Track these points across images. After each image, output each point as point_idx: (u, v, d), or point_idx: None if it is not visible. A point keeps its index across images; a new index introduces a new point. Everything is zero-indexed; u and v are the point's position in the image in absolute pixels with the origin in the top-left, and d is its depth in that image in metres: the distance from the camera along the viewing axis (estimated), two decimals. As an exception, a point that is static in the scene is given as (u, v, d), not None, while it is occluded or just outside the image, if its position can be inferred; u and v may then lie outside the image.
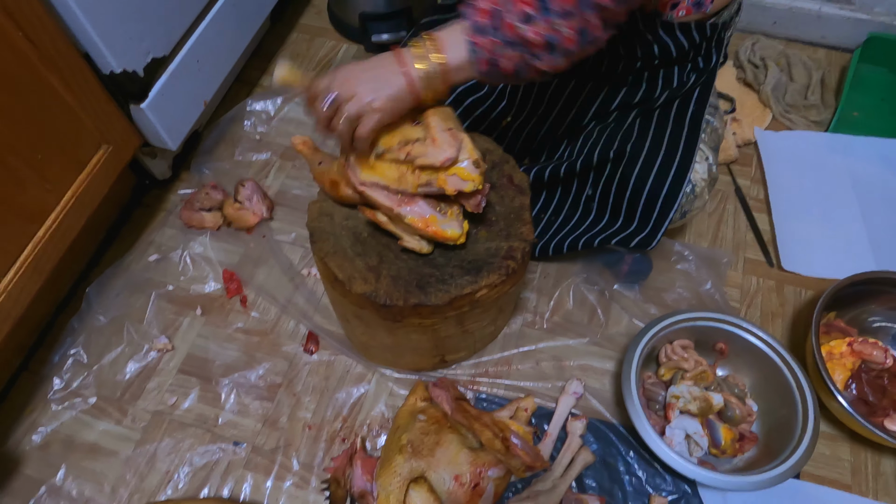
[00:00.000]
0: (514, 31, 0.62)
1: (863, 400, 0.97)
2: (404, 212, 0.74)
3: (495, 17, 0.62)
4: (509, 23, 0.62)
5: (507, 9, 0.62)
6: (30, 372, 1.02)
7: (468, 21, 0.64)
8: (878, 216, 1.18)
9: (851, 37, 1.40)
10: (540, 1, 0.61)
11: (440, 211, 0.75)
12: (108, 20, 0.88)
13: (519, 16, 0.61)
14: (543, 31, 0.62)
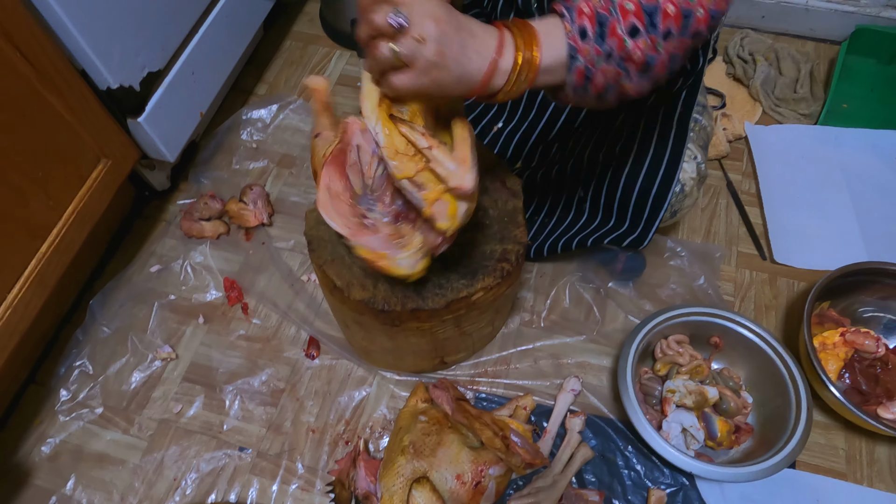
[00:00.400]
0: (620, 43, 0.56)
1: (856, 389, 0.99)
2: (360, 240, 0.67)
3: (602, 25, 0.56)
4: (618, 34, 0.56)
5: (616, 17, 0.56)
6: (37, 384, 1.04)
7: (572, 23, 0.56)
8: (869, 207, 1.20)
9: (839, 29, 1.42)
10: (648, 16, 0.56)
11: (398, 245, 0.68)
12: (104, 37, 0.90)
13: (627, 27, 0.56)
14: (645, 49, 0.57)
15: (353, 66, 1.44)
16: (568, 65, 0.57)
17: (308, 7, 1.56)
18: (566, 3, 0.57)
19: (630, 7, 0.56)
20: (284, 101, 1.35)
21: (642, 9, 0.56)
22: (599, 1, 0.56)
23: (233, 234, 1.19)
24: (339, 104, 1.38)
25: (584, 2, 0.56)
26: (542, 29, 0.56)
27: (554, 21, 0.57)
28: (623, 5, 0.56)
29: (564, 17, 0.56)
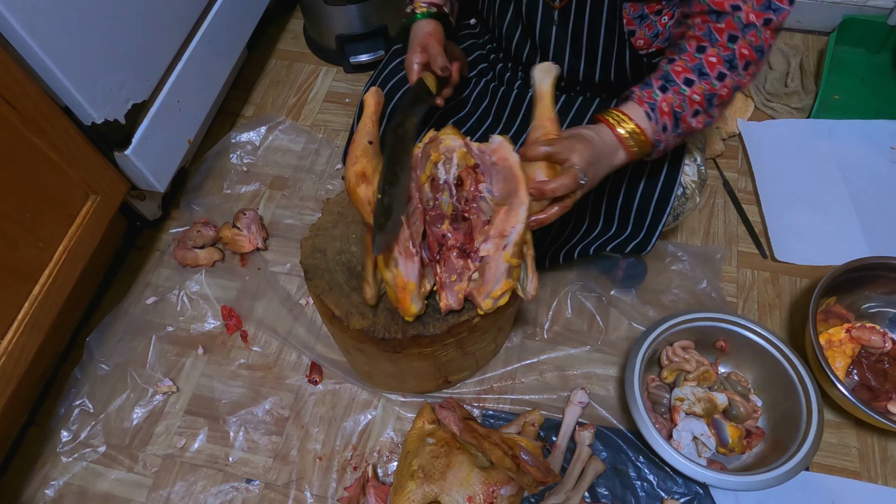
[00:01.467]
0: (688, 127, 0.75)
1: (865, 385, 0.98)
2: (399, 260, 0.70)
3: (676, 118, 0.74)
4: (687, 121, 0.74)
5: (686, 111, 0.73)
6: (37, 426, 1.02)
7: (657, 123, 0.73)
8: (867, 198, 1.19)
9: (826, 20, 1.41)
10: (708, 101, 0.74)
11: (422, 284, 0.72)
12: (85, 73, 0.89)
13: (692, 112, 0.74)
14: (703, 121, 0.75)
15: (340, 83, 1.43)
16: (652, 149, 0.76)
17: (291, 24, 1.55)
18: (647, 97, 0.73)
19: (696, 98, 0.73)
20: (273, 123, 1.34)
21: (704, 98, 0.73)
22: (674, 97, 0.73)
23: (228, 261, 1.18)
24: (328, 121, 1.37)
25: (663, 99, 0.73)
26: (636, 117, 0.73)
27: (642, 114, 0.73)
28: (692, 98, 0.73)
29: (651, 118, 0.73)
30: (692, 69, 0.73)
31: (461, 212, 0.74)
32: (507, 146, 0.72)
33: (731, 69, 0.72)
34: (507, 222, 0.70)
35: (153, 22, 1.00)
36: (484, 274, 0.72)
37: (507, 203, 0.70)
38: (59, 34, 0.83)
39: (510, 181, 0.70)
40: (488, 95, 1.02)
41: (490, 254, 0.71)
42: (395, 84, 0.99)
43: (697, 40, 0.74)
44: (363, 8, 1.32)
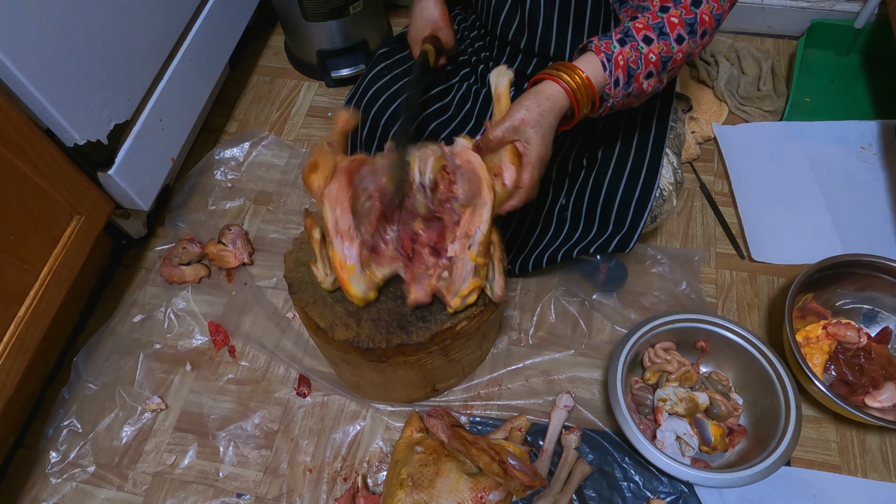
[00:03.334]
0: (639, 87, 0.74)
1: (842, 380, 1.00)
2: (336, 241, 0.75)
3: (630, 75, 0.73)
4: (639, 80, 0.74)
5: (640, 69, 0.73)
6: (25, 447, 1.02)
7: (610, 75, 0.72)
8: (840, 198, 1.22)
9: (795, 24, 1.45)
10: (663, 63, 0.73)
11: (363, 267, 0.76)
12: (66, 95, 0.90)
13: (646, 73, 0.73)
14: (654, 84, 0.75)
15: (322, 97, 1.45)
16: (600, 103, 0.75)
17: (272, 41, 1.56)
18: (604, 47, 0.72)
19: (652, 58, 0.73)
20: (257, 138, 1.35)
21: (661, 59, 0.73)
22: (630, 52, 0.72)
23: (214, 277, 1.19)
24: (311, 135, 1.38)
25: (620, 52, 0.72)
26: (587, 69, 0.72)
27: (595, 65, 0.72)
28: (647, 57, 0.72)
29: (606, 69, 0.72)
30: (653, 27, 0.73)
31: (434, 212, 0.77)
32: (468, 149, 0.74)
33: (691, 33, 0.73)
34: (472, 223, 0.72)
35: (133, 43, 1.01)
36: (452, 273, 0.74)
37: (472, 204, 0.73)
38: (39, 57, 0.84)
39: (473, 182, 0.72)
40: (471, 98, 1.04)
41: (457, 253, 0.74)
42: (379, 89, 1.02)
43: (661, 0, 0.74)
44: (343, 23, 1.34)
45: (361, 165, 0.78)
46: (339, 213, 0.75)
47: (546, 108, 0.71)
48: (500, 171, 0.73)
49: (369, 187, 0.77)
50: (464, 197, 0.73)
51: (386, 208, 0.78)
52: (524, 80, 1.01)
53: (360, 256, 0.75)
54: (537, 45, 0.93)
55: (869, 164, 1.26)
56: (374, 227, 0.77)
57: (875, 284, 1.03)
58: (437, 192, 0.77)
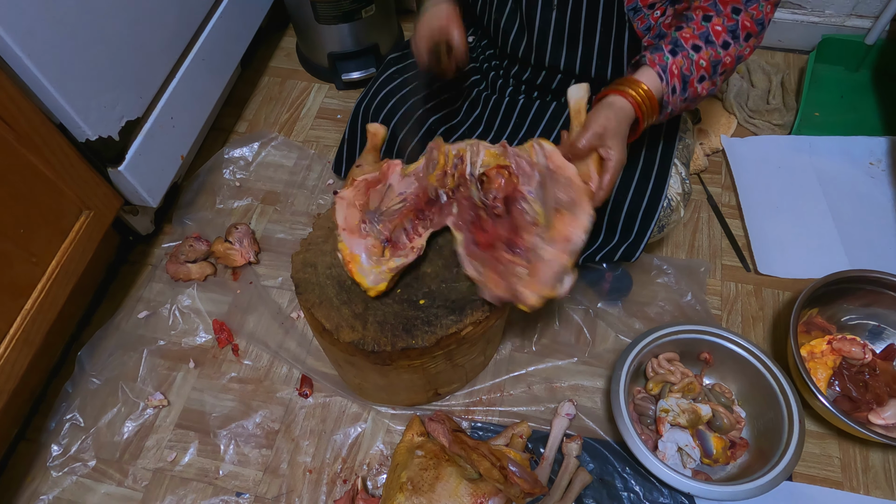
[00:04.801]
0: (694, 91, 0.80)
1: (846, 396, 1.00)
2: (342, 235, 0.80)
3: (685, 81, 0.78)
4: (694, 85, 0.79)
5: (693, 74, 0.78)
6: (27, 440, 1.02)
7: (667, 85, 0.78)
8: (847, 213, 1.22)
9: (806, 39, 1.45)
10: (713, 67, 0.79)
11: (374, 260, 0.79)
12: (80, 91, 0.90)
13: (698, 77, 0.79)
14: (707, 87, 0.81)
15: (332, 99, 1.46)
16: (660, 111, 0.80)
17: (284, 42, 1.57)
18: (658, 59, 0.77)
19: (703, 64, 0.78)
20: (266, 139, 1.35)
21: (711, 63, 0.79)
22: (683, 61, 0.78)
23: (220, 275, 1.19)
24: (320, 137, 1.39)
25: (673, 62, 0.77)
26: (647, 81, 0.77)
27: (652, 76, 0.78)
28: (699, 63, 0.78)
29: (662, 80, 0.77)
30: (699, 36, 0.78)
31: (490, 207, 0.79)
32: (560, 154, 0.76)
33: (734, 39, 0.78)
34: (572, 229, 0.74)
35: (147, 41, 1.02)
36: (537, 274, 0.75)
37: (570, 210, 0.74)
38: (55, 53, 0.85)
39: (572, 190, 0.74)
40: (480, 104, 1.05)
41: (552, 257, 0.74)
42: (389, 93, 1.03)
43: (703, 10, 0.79)
44: (355, 27, 1.35)
45: (384, 175, 0.83)
46: (348, 212, 0.80)
47: (621, 117, 0.76)
48: (588, 178, 0.76)
49: (405, 191, 0.82)
50: (559, 202, 0.75)
51: (419, 206, 0.82)
52: (533, 90, 1.01)
53: (369, 248, 0.79)
54: (547, 61, 0.94)
55: (877, 179, 1.26)
56: (397, 224, 0.82)
57: (881, 301, 1.02)
58: (489, 187, 0.79)
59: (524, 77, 0.99)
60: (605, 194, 0.77)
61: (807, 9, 1.41)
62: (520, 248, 0.77)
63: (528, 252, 0.76)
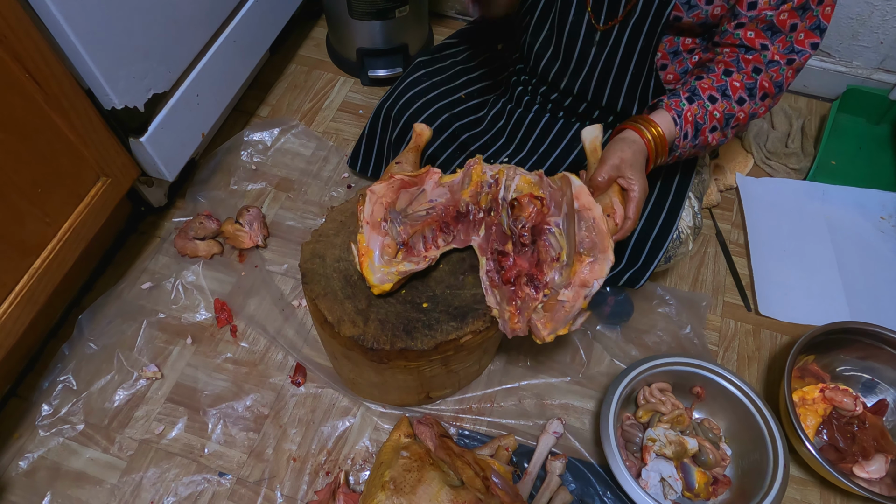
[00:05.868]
0: (705, 140, 0.82)
1: (833, 446, 1.00)
2: (364, 228, 0.80)
3: (697, 129, 0.80)
4: (705, 134, 0.81)
5: (706, 123, 0.80)
6: (18, 398, 1.03)
7: (680, 130, 0.80)
8: (853, 264, 1.22)
9: (831, 87, 1.46)
10: (727, 120, 0.81)
11: (386, 258, 0.79)
12: (113, 59, 0.91)
13: (710, 127, 0.81)
14: (718, 139, 0.83)
15: (356, 94, 1.47)
16: (669, 153, 0.82)
17: (315, 32, 1.58)
18: (674, 105, 0.80)
19: (717, 115, 0.81)
20: (287, 125, 1.36)
21: (724, 116, 0.81)
22: (698, 109, 0.80)
23: (226, 255, 1.20)
24: (340, 130, 1.40)
25: (689, 109, 0.80)
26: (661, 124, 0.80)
27: (668, 120, 0.80)
28: (713, 113, 0.80)
29: (676, 124, 0.79)
30: (717, 88, 0.81)
31: (518, 236, 0.79)
32: (588, 193, 0.75)
33: (751, 97, 0.81)
34: (592, 274, 0.74)
35: (183, 17, 1.03)
36: (553, 311, 0.75)
37: (593, 255, 0.74)
38: (92, 19, 0.86)
39: (596, 233, 0.74)
40: (504, 115, 1.05)
41: (569, 299, 0.75)
42: (415, 94, 1.05)
43: (725, 65, 0.82)
44: (387, 25, 1.36)
45: (422, 180, 0.83)
46: (375, 206, 0.80)
47: (636, 150, 0.78)
48: (612, 211, 0.77)
49: (436, 199, 0.83)
50: (581, 245, 0.75)
51: (446, 218, 0.83)
52: (559, 110, 1.02)
53: (384, 247, 0.80)
54: (577, 89, 0.95)
55: (887, 234, 1.27)
56: (418, 230, 0.82)
57: (878, 355, 1.03)
58: (518, 214, 0.79)
59: (552, 97, 1.00)
60: (633, 224, 0.78)
61: (835, 58, 1.42)
62: (539, 282, 0.77)
63: (546, 287, 0.77)
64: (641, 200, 0.77)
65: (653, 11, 0.83)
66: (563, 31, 0.91)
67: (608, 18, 0.86)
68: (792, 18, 0.77)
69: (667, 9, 0.81)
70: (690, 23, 0.83)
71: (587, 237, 0.75)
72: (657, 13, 0.82)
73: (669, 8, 0.81)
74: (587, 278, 0.74)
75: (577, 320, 0.76)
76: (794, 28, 0.78)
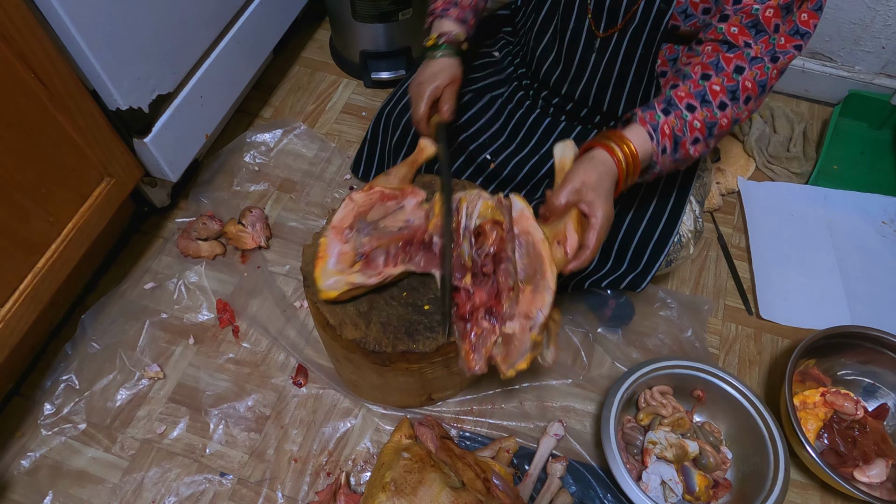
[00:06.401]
0: (686, 153, 0.76)
1: (834, 450, 1.00)
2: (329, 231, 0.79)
3: (676, 143, 0.75)
4: (686, 147, 0.76)
5: (686, 136, 0.75)
6: (21, 396, 1.03)
7: (658, 144, 0.75)
8: (854, 268, 1.22)
9: (833, 92, 1.46)
10: (708, 129, 0.75)
11: (341, 266, 0.77)
12: (118, 60, 0.92)
13: (692, 139, 0.76)
14: (701, 150, 0.77)
15: (359, 96, 1.47)
16: (647, 169, 0.77)
17: (318, 34, 1.59)
18: (649, 118, 0.74)
19: (697, 125, 0.75)
20: (289, 127, 1.37)
21: (705, 125, 0.75)
22: (675, 121, 0.74)
23: (229, 256, 1.20)
24: (343, 131, 1.40)
25: (665, 121, 0.74)
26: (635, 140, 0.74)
27: (644, 135, 0.75)
28: (692, 124, 0.75)
29: (653, 139, 0.74)
30: (695, 95, 0.75)
31: (480, 266, 0.76)
32: (529, 217, 0.72)
33: (733, 100, 0.75)
34: (533, 304, 0.71)
35: (187, 18, 1.04)
36: (509, 345, 0.73)
37: (533, 283, 0.71)
38: (97, 20, 0.86)
39: (535, 260, 0.71)
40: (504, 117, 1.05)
41: (516, 332, 0.72)
42: None
43: (703, 67, 0.76)
44: (390, 27, 1.36)
45: (403, 196, 0.83)
46: (347, 213, 0.80)
47: (602, 172, 0.73)
48: (564, 238, 0.73)
49: (411, 220, 0.81)
50: (522, 272, 0.72)
51: (412, 242, 0.81)
52: (560, 114, 1.02)
53: (341, 254, 0.78)
54: (577, 94, 0.96)
55: (888, 239, 1.27)
56: (383, 244, 0.80)
57: (879, 360, 1.03)
58: (483, 242, 0.77)
59: (553, 101, 1.01)
60: (591, 253, 0.73)
61: (837, 62, 1.42)
62: (499, 314, 0.74)
63: (502, 320, 0.74)
64: (603, 228, 0.72)
65: (651, 19, 0.83)
66: (564, 37, 0.91)
67: (608, 26, 0.87)
68: (776, 17, 0.74)
69: (665, 17, 0.81)
70: (689, 31, 0.83)
71: (528, 265, 0.72)
72: (655, 21, 0.83)
73: (667, 17, 0.81)
74: (529, 309, 0.71)
75: (546, 355, 0.73)
76: (776, 29, 0.75)
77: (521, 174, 1.07)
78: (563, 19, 0.90)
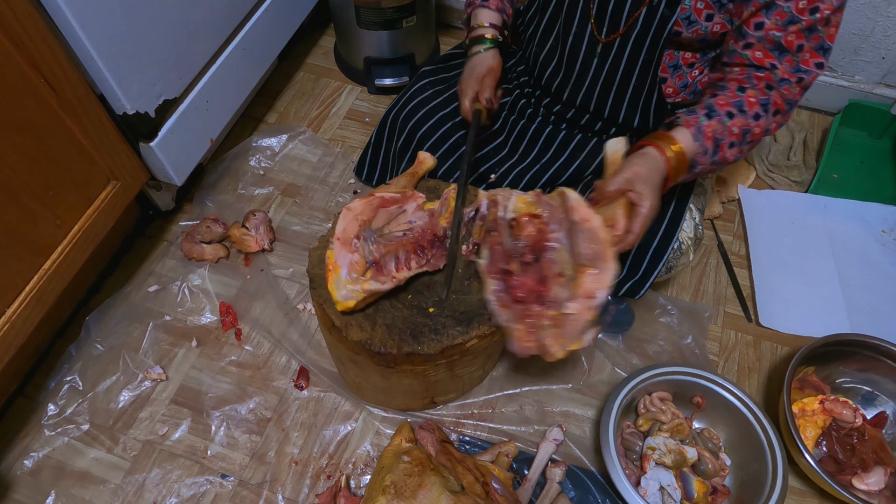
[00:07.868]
0: (723, 155, 0.82)
1: (833, 458, 1.01)
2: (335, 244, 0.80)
3: (716, 145, 0.81)
4: (724, 149, 0.81)
5: (725, 140, 0.81)
6: (25, 397, 1.04)
7: (701, 145, 0.80)
8: (854, 276, 1.23)
9: (833, 101, 1.47)
10: (744, 135, 0.81)
11: (352, 275, 0.79)
12: (126, 65, 0.93)
13: (729, 143, 0.81)
14: (736, 153, 0.83)
15: (362, 102, 1.48)
16: (689, 170, 0.82)
17: (323, 41, 1.60)
18: (693, 121, 0.80)
19: (735, 131, 0.81)
20: (294, 132, 1.38)
21: (742, 131, 0.81)
22: (717, 125, 0.80)
23: (232, 259, 1.21)
24: (346, 137, 1.42)
25: (708, 125, 0.80)
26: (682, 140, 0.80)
27: (688, 136, 0.80)
28: (731, 129, 0.80)
29: (697, 140, 0.80)
30: (733, 104, 0.81)
31: (519, 255, 0.80)
32: (585, 204, 0.76)
33: (765, 112, 0.81)
34: (596, 284, 0.74)
35: (195, 25, 1.05)
36: (563, 326, 0.75)
37: (594, 265, 0.75)
38: (106, 26, 0.88)
39: (596, 244, 0.75)
40: (507, 127, 1.07)
41: (576, 312, 0.75)
42: (420, 102, 1.06)
43: (738, 82, 0.82)
44: (394, 34, 1.38)
45: (405, 200, 0.85)
46: (349, 224, 0.81)
47: (653, 167, 0.78)
48: (614, 222, 0.77)
49: (414, 221, 0.84)
50: (584, 257, 0.75)
51: (421, 242, 0.84)
52: (562, 122, 1.03)
53: (352, 264, 0.80)
54: (579, 100, 0.97)
55: (888, 248, 1.27)
56: (392, 250, 0.82)
57: (877, 368, 1.04)
58: (518, 233, 0.80)
59: (555, 109, 1.02)
60: (635, 238, 0.77)
61: (837, 72, 1.44)
62: (547, 299, 0.78)
63: (553, 304, 0.77)
64: (649, 217, 0.77)
65: (654, 26, 0.84)
66: (566, 42, 0.93)
67: (610, 31, 0.88)
68: (799, 39, 0.78)
69: (668, 24, 0.83)
70: (690, 38, 0.85)
71: (588, 248, 0.75)
72: (658, 28, 0.84)
73: (671, 23, 0.82)
74: (591, 289, 0.74)
75: (586, 336, 0.76)
76: (800, 49, 0.79)
77: (521, 185, 1.09)
78: (565, 24, 0.92)
